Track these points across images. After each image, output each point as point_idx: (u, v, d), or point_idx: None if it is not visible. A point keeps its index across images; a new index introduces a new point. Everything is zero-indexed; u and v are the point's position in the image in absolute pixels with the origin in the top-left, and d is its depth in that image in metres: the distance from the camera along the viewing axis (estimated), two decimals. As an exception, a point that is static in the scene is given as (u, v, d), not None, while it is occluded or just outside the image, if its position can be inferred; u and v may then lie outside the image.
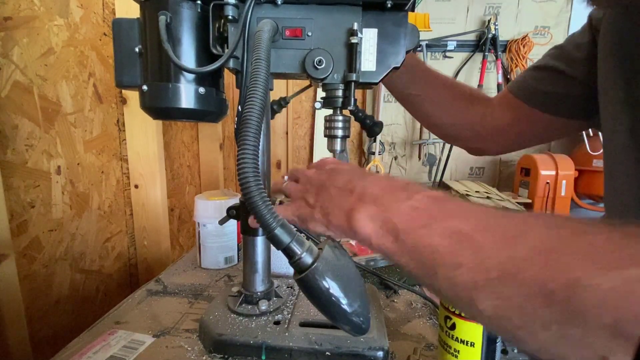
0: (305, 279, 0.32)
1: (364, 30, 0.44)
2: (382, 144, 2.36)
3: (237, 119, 0.39)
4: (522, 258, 0.21)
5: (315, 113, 2.28)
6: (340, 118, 0.47)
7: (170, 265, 0.76)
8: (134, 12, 0.44)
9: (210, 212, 0.72)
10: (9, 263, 0.52)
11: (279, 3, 0.43)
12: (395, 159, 2.44)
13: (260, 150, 0.48)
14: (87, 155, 0.71)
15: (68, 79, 0.66)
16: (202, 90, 0.43)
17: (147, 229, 0.87)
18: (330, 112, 0.48)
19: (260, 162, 0.48)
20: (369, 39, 0.44)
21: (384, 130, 2.36)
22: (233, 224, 0.74)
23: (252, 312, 0.50)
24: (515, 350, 0.47)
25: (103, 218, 0.77)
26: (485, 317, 0.23)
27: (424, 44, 2.17)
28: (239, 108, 0.40)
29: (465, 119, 0.63)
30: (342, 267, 0.33)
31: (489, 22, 2.18)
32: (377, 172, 2.20)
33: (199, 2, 0.42)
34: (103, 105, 0.75)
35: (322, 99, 0.48)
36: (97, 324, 0.53)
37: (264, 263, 0.51)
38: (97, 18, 0.73)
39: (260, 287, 0.52)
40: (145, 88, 0.43)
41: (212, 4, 0.42)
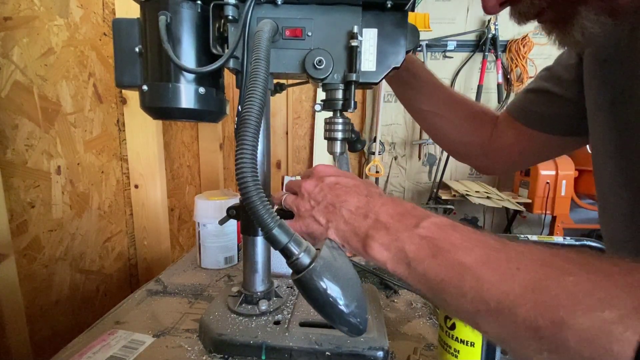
0: (303, 280, 0.32)
1: (364, 31, 0.44)
2: (382, 144, 2.36)
3: (237, 119, 0.39)
4: (515, 294, 0.24)
5: (316, 113, 2.28)
6: (340, 120, 0.47)
7: (170, 265, 0.76)
8: (134, 12, 0.44)
9: (210, 212, 0.72)
10: (9, 263, 0.52)
11: (279, 3, 0.43)
12: (395, 159, 2.44)
13: (260, 151, 0.48)
14: (87, 155, 0.71)
15: (68, 79, 0.66)
16: (202, 90, 0.43)
17: (147, 229, 0.87)
18: (330, 114, 0.48)
19: (260, 162, 0.48)
20: (369, 39, 0.44)
21: (384, 130, 2.36)
22: (233, 224, 0.74)
23: (252, 312, 0.50)
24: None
25: (103, 218, 0.77)
26: (489, 336, 0.28)
27: (424, 44, 2.17)
28: (239, 108, 0.40)
29: (475, 138, 0.65)
30: (340, 267, 0.33)
31: (489, 22, 2.18)
32: (377, 172, 2.20)
33: (199, 2, 0.42)
34: (103, 105, 0.75)
35: (322, 102, 0.48)
36: (97, 324, 0.53)
37: (264, 263, 0.51)
38: (97, 18, 0.73)
39: (260, 287, 0.52)
40: (146, 88, 0.43)
41: (212, 4, 0.42)
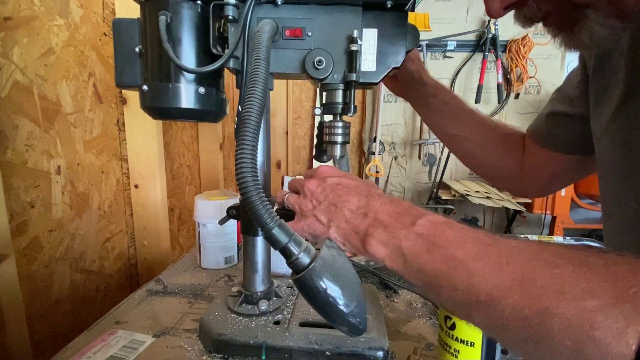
0: (302, 280, 0.32)
1: (364, 31, 0.44)
2: (382, 144, 2.36)
3: (237, 119, 0.39)
4: (504, 286, 0.25)
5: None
6: (340, 124, 0.47)
7: (170, 265, 0.76)
8: (134, 12, 0.44)
9: (210, 212, 0.72)
10: (9, 263, 0.52)
11: (279, 3, 0.43)
12: (395, 159, 2.43)
13: (260, 151, 0.48)
14: (87, 155, 0.71)
15: (68, 79, 0.66)
16: (202, 90, 0.43)
17: (147, 229, 0.87)
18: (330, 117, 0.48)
19: (260, 162, 0.48)
20: (369, 39, 0.44)
21: (384, 130, 2.35)
22: (233, 224, 0.74)
23: (252, 312, 0.50)
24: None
25: (103, 218, 0.77)
26: (481, 329, 0.29)
27: (424, 44, 2.17)
28: (239, 108, 0.40)
29: (506, 162, 0.64)
30: (339, 267, 0.33)
31: (489, 22, 2.17)
32: (377, 172, 2.20)
33: (199, 2, 0.42)
34: (103, 105, 0.75)
35: (322, 105, 0.48)
36: (97, 324, 0.53)
37: (264, 263, 0.51)
38: (97, 18, 0.73)
39: (260, 287, 0.52)
40: (146, 88, 0.43)
41: (212, 4, 0.42)
